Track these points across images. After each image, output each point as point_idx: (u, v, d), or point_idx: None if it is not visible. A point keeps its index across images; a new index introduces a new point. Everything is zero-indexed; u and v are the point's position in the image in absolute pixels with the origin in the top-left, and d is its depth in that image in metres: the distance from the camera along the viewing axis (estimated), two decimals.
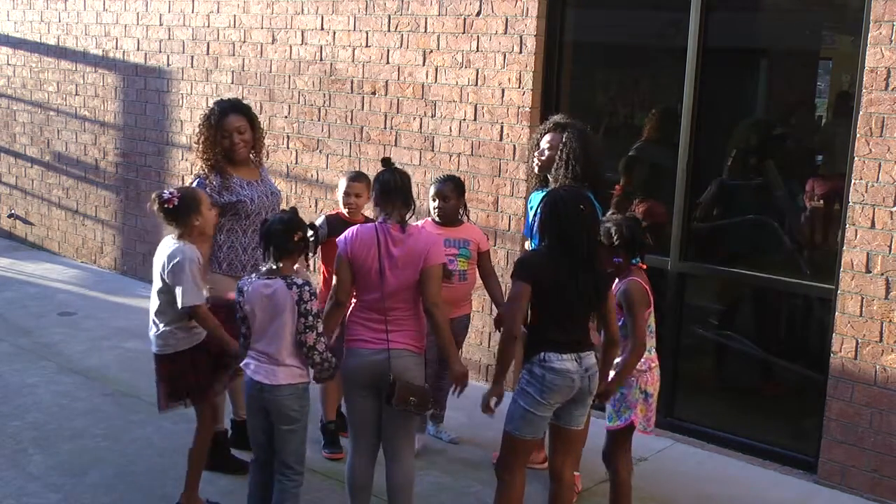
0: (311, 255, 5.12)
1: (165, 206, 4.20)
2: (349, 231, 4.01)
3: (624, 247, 4.13)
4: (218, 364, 4.28)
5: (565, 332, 3.80)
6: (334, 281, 4.07)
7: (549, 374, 3.77)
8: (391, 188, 3.97)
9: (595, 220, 3.98)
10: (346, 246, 3.96)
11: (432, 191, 5.12)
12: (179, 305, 4.09)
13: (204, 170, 4.81)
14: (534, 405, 3.81)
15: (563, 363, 3.78)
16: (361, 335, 3.93)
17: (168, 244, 4.22)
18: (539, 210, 3.97)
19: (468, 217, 5.27)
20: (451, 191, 5.09)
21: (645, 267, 4.20)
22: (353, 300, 4.03)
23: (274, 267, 3.86)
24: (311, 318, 3.79)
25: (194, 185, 4.75)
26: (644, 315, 4.08)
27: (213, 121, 4.82)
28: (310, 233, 4.11)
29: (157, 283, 4.24)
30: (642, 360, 4.11)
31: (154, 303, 4.26)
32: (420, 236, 3.95)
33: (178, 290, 4.09)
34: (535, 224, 4.01)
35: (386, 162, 4.11)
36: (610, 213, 4.30)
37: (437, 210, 5.08)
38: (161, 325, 4.21)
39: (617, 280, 4.17)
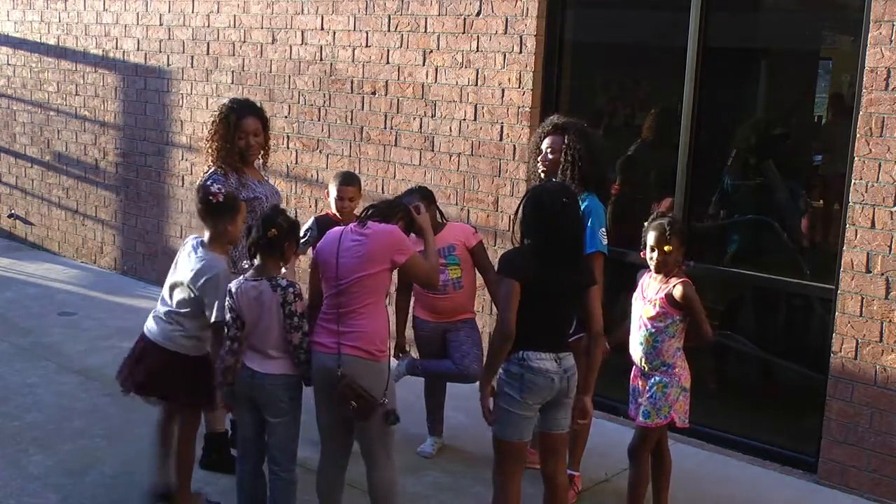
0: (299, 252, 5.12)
1: (210, 199, 4.13)
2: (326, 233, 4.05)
3: (684, 248, 4.18)
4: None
5: (545, 330, 3.79)
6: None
7: (527, 374, 3.75)
8: (386, 202, 4.11)
9: (578, 212, 3.94)
10: (317, 247, 4.01)
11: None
12: (211, 319, 4.06)
13: (220, 167, 4.81)
14: (514, 405, 3.78)
15: (541, 362, 3.76)
16: (318, 338, 3.88)
17: (200, 254, 4.14)
18: (521, 206, 3.93)
19: (445, 218, 5.18)
20: (419, 201, 5.00)
21: (685, 268, 4.23)
22: None
23: (252, 263, 3.91)
24: (296, 318, 3.82)
25: (210, 180, 4.75)
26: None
27: (231, 120, 4.83)
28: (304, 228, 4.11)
29: (182, 290, 4.15)
30: (680, 354, 4.17)
31: (174, 297, 4.19)
32: (377, 233, 3.86)
33: (211, 305, 4.05)
34: (517, 222, 3.97)
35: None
36: (657, 213, 4.26)
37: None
38: (179, 326, 4.16)
39: (659, 277, 4.19)
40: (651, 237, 4.19)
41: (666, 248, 4.14)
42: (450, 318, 5.02)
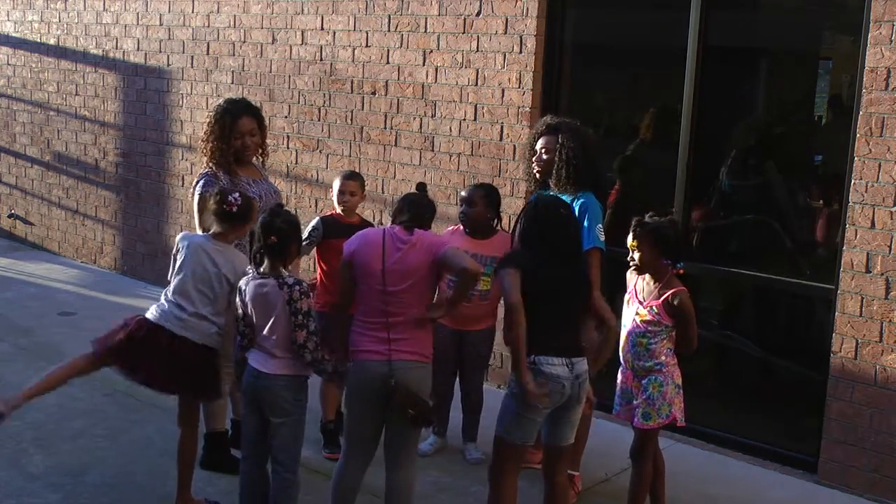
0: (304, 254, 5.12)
1: (225, 207, 4.14)
2: (356, 235, 3.99)
3: (672, 250, 4.15)
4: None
5: (556, 335, 3.77)
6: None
7: (538, 378, 3.73)
8: (411, 202, 3.99)
9: (575, 222, 4.03)
10: (350, 248, 3.93)
11: (461, 196, 5.09)
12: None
13: (212, 168, 4.81)
14: (523, 408, 3.77)
15: (552, 368, 3.73)
16: (364, 346, 3.85)
17: (220, 248, 4.17)
18: (519, 219, 3.96)
19: (502, 227, 5.15)
20: (481, 197, 4.98)
21: (682, 272, 4.21)
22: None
23: (263, 268, 3.91)
24: (300, 316, 3.81)
25: (202, 183, 4.74)
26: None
27: (226, 121, 4.82)
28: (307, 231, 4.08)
29: (208, 282, 4.14)
30: (671, 354, 4.20)
31: (195, 292, 4.15)
32: (424, 240, 3.86)
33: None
34: (516, 233, 3.97)
35: (421, 186, 4.18)
36: (649, 214, 4.26)
37: (460, 215, 5.04)
38: (212, 325, 4.16)
39: (654, 283, 4.19)
40: (629, 237, 4.22)
41: (630, 244, 4.19)
42: (467, 327, 5.02)
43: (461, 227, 5.08)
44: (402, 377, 3.78)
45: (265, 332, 3.89)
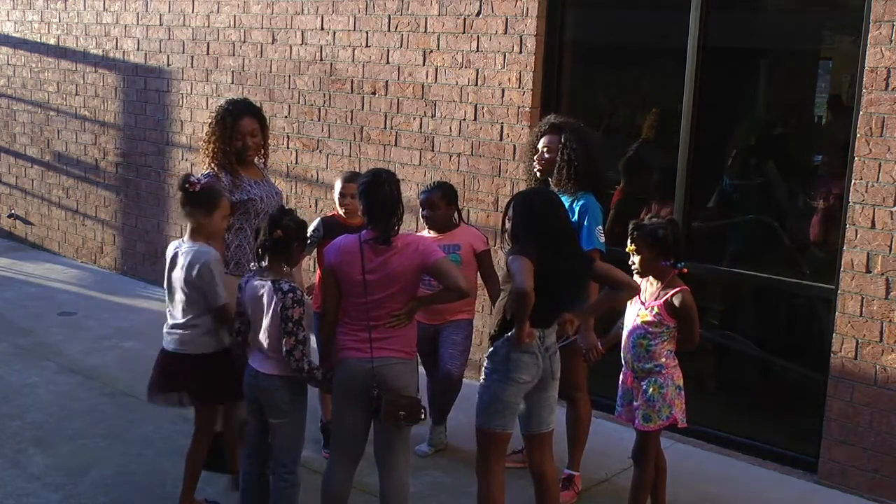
0: (305, 255, 5.11)
1: (187, 187, 4.14)
2: (333, 243, 3.97)
3: (670, 251, 4.15)
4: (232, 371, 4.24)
5: (533, 311, 3.71)
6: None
7: (513, 353, 3.77)
8: (375, 201, 3.85)
9: (564, 207, 4.07)
10: (329, 258, 3.92)
11: (420, 199, 5.04)
12: (218, 303, 4.07)
13: (213, 168, 4.80)
14: (499, 392, 3.81)
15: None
16: (346, 344, 3.86)
17: (185, 249, 4.16)
18: (510, 212, 3.93)
19: (463, 220, 5.19)
20: (440, 199, 4.99)
21: (686, 272, 4.21)
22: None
23: (263, 265, 3.91)
24: (290, 324, 3.80)
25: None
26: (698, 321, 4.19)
27: (228, 122, 4.81)
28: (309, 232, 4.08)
29: (179, 289, 4.15)
30: (672, 355, 4.19)
31: (177, 305, 4.19)
32: (406, 250, 3.82)
33: (212, 290, 4.06)
34: (508, 228, 3.95)
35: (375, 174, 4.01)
36: (649, 216, 4.25)
37: (425, 219, 5.02)
38: (186, 328, 4.17)
39: (657, 283, 4.19)
40: (627, 242, 4.23)
41: (628, 248, 4.19)
42: (440, 321, 4.99)
43: (427, 231, 5.06)
44: (384, 373, 3.78)
45: (260, 333, 3.90)
